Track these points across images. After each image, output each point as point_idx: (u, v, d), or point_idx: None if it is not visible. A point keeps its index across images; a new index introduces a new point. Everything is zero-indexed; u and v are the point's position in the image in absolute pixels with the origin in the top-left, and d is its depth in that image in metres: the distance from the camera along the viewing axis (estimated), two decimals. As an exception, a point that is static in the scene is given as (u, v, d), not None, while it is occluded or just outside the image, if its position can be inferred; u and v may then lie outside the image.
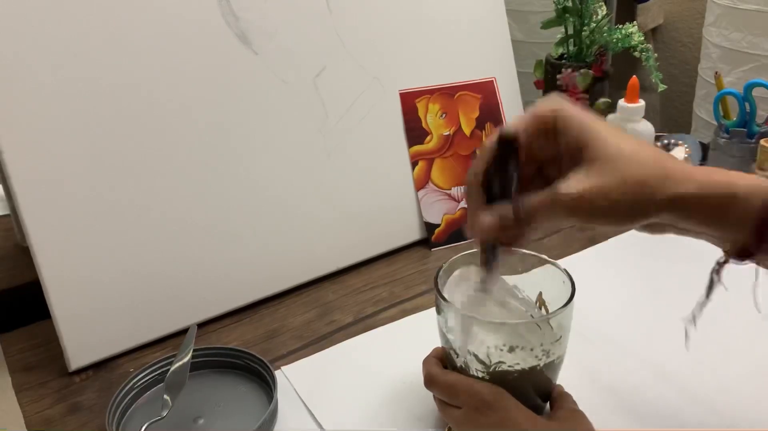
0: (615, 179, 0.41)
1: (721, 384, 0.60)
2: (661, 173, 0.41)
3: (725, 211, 0.41)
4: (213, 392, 0.61)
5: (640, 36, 0.96)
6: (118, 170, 0.66)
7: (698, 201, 0.41)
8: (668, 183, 0.41)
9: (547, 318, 0.51)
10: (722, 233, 0.43)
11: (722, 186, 0.41)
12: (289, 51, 0.75)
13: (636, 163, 0.41)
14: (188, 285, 0.70)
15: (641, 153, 0.42)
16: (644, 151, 0.42)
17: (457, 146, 0.87)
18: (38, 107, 0.63)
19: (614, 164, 0.41)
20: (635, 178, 0.41)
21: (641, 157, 0.42)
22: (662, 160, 0.42)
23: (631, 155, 0.42)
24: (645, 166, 0.41)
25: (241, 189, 0.73)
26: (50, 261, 0.63)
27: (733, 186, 0.41)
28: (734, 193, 0.41)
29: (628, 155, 0.42)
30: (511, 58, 0.93)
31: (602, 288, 0.74)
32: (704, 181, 0.41)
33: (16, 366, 0.68)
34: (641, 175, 0.41)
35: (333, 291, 0.78)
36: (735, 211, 0.41)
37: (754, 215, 0.41)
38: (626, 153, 0.42)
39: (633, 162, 0.41)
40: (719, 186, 0.41)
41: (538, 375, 0.50)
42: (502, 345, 0.49)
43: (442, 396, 0.52)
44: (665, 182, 0.41)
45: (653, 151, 0.43)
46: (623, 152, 0.42)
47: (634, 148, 0.42)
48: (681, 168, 0.42)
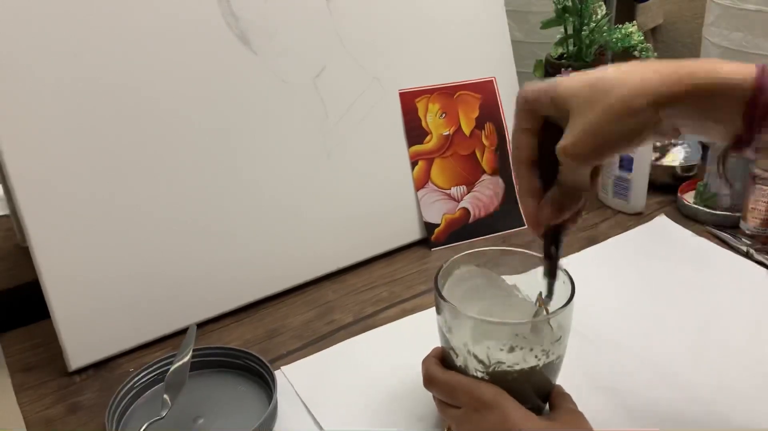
0: (587, 120, 0.43)
1: (721, 384, 0.60)
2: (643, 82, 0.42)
3: (711, 103, 0.42)
4: (213, 392, 0.61)
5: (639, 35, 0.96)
6: (118, 170, 0.66)
7: (684, 97, 0.42)
8: (655, 91, 0.42)
9: (548, 319, 0.51)
10: (716, 127, 0.43)
11: (706, 75, 0.41)
12: (289, 51, 0.75)
13: (618, 87, 0.42)
14: (188, 285, 0.70)
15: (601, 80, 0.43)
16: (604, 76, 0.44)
17: (456, 146, 0.87)
18: (38, 107, 0.63)
19: (596, 100, 0.43)
20: (621, 98, 0.42)
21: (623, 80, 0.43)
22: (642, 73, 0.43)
23: (612, 84, 0.43)
24: (627, 84, 0.42)
25: (241, 189, 0.73)
26: (50, 261, 0.63)
27: (716, 73, 0.41)
28: (719, 84, 0.41)
29: (608, 85, 0.43)
30: (510, 58, 0.93)
31: (602, 288, 0.74)
32: (688, 76, 0.42)
33: (16, 366, 0.68)
34: (624, 93, 0.42)
35: (333, 291, 0.78)
36: (722, 99, 0.41)
37: (742, 101, 0.41)
38: (606, 85, 0.43)
39: (616, 88, 0.42)
40: (703, 77, 0.41)
41: (537, 375, 0.50)
42: (502, 345, 0.49)
43: (441, 396, 0.52)
44: (652, 91, 0.42)
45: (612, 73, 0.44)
46: (602, 86, 0.43)
47: (591, 80, 0.44)
48: (665, 70, 0.42)
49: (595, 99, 0.43)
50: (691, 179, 0.93)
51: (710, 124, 0.43)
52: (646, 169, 0.89)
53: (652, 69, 0.43)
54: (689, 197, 0.91)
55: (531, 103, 0.47)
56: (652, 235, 0.85)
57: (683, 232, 0.85)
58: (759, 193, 0.80)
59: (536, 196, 0.49)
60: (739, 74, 0.41)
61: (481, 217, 0.87)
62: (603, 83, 0.43)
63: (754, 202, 0.81)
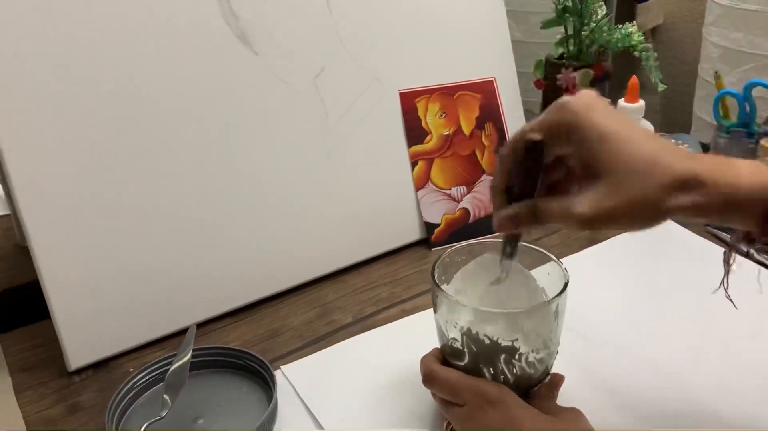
0: (623, 199, 0.42)
1: (721, 384, 0.60)
2: (668, 183, 0.41)
3: (729, 214, 0.43)
4: (213, 392, 0.61)
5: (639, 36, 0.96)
6: (118, 170, 0.66)
7: (703, 208, 0.42)
8: (675, 195, 0.42)
9: (545, 305, 0.51)
10: (729, 224, 0.45)
11: (726, 190, 0.42)
12: (289, 51, 0.75)
13: (644, 178, 0.42)
14: (188, 285, 0.70)
15: (654, 162, 0.42)
16: (658, 157, 0.42)
17: (456, 146, 0.87)
18: (38, 107, 0.63)
19: (624, 181, 0.42)
20: (643, 195, 0.42)
21: (652, 169, 0.42)
22: (671, 166, 0.42)
23: (641, 168, 0.42)
24: (652, 180, 0.42)
25: (241, 188, 0.73)
26: (50, 261, 0.63)
27: (736, 190, 0.42)
28: (737, 200, 0.42)
29: (638, 169, 0.42)
30: (511, 58, 0.93)
31: (602, 288, 0.74)
32: (710, 185, 0.42)
33: (16, 366, 0.68)
34: (649, 192, 0.42)
35: (333, 291, 0.78)
36: (739, 212, 0.43)
37: (758, 213, 0.42)
38: (637, 167, 0.42)
39: (641, 177, 0.42)
40: (723, 191, 0.42)
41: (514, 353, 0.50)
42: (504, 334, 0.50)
43: (442, 393, 0.52)
44: (672, 195, 0.42)
45: (664, 155, 0.42)
46: (634, 166, 0.42)
47: (645, 157, 0.42)
48: (689, 172, 0.42)
49: (635, 169, 0.42)
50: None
51: (722, 221, 0.45)
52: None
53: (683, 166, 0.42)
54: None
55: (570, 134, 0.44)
56: (652, 235, 0.84)
57: (683, 232, 0.85)
58: (759, 193, 0.80)
59: (502, 196, 0.49)
60: (758, 186, 0.41)
61: (481, 217, 0.87)
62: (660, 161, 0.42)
63: (754, 202, 0.81)
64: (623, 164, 0.42)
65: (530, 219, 0.47)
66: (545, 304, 0.51)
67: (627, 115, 0.47)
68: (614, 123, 0.43)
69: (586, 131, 0.43)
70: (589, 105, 0.44)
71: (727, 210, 0.42)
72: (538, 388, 0.53)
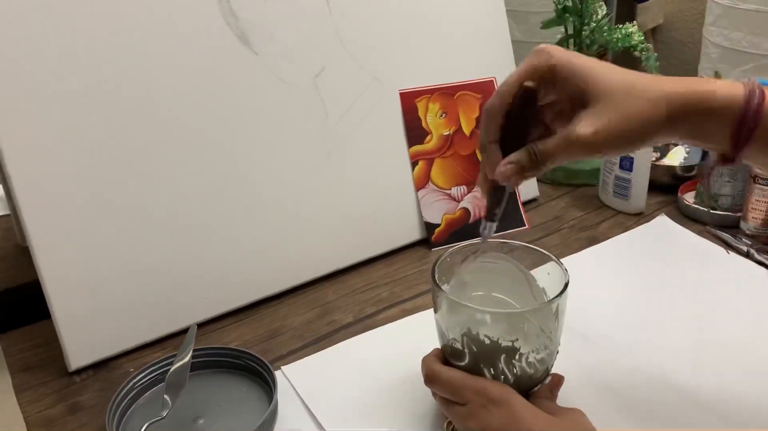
0: (619, 114, 0.46)
1: (721, 384, 0.60)
2: (655, 97, 0.46)
3: (706, 124, 0.46)
4: (213, 392, 0.61)
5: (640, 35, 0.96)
6: (118, 170, 0.66)
7: (684, 119, 0.46)
8: (662, 107, 0.45)
9: (546, 305, 0.51)
10: (707, 143, 0.47)
11: (701, 100, 0.45)
12: (289, 51, 0.75)
13: (634, 96, 0.46)
14: (188, 285, 0.70)
15: (636, 83, 0.46)
16: (639, 80, 0.47)
17: (457, 146, 0.87)
18: (38, 107, 0.63)
19: (617, 99, 0.46)
20: (636, 109, 0.46)
21: (637, 88, 0.46)
22: (656, 84, 0.46)
23: (629, 88, 0.46)
24: (642, 96, 0.46)
25: (241, 189, 0.73)
26: (50, 261, 0.63)
27: (711, 99, 0.45)
28: (712, 107, 0.45)
29: (626, 88, 0.46)
30: (511, 58, 0.93)
31: (602, 288, 0.74)
32: (688, 96, 0.45)
33: (16, 366, 0.68)
34: (641, 106, 0.46)
35: (333, 291, 0.78)
36: (714, 124, 0.46)
37: (730, 127, 0.45)
38: (625, 86, 0.46)
39: (632, 94, 0.46)
40: (699, 101, 0.45)
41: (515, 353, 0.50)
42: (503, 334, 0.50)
43: (444, 393, 0.52)
44: (660, 107, 0.45)
45: (645, 79, 0.47)
46: (622, 86, 0.46)
47: (629, 80, 0.47)
48: (669, 86, 0.46)
49: (626, 94, 0.46)
50: (691, 179, 0.93)
51: (698, 142, 0.48)
52: (647, 169, 0.89)
53: (663, 88, 0.46)
54: (689, 197, 0.91)
55: (556, 70, 0.48)
56: (653, 235, 0.85)
57: (683, 232, 0.85)
58: (759, 192, 0.80)
59: (497, 149, 0.51)
60: (729, 95, 0.45)
61: (482, 217, 0.87)
62: (635, 85, 0.46)
63: (754, 201, 0.81)
64: (611, 87, 0.46)
65: (533, 164, 0.48)
66: (546, 304, 0.51)
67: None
68: (586, 59, 0.48)
69: (570, 66, 0.48)
70: (559, 48, 0.49)
71: (702, 119, 0.45)
72: (539, 388, 0.53)
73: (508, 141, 0.50)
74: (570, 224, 0.89)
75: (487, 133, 0.51)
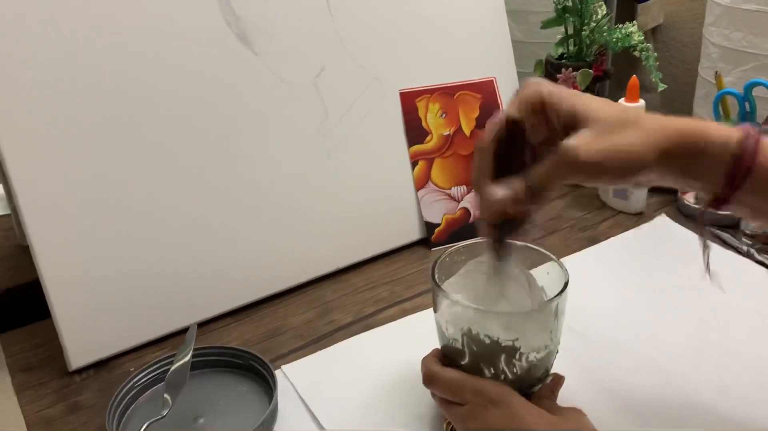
0: (613, 136, 0.45)
1: (721, 384, 0.60)
2: (650, 129, 0.45)
3: (701, 161, 0.45)
4: (213, 391, 0.61)
5: (640, 35, 0.96)
6: (118, 170, 0.66)
7: (679, 154, 0.45)
8: (656, 143, 0.45)
9: (546, 304, 0.51)
10: (699, 184, 0.47)
11: (697, 137, 0.45)
12: (289, 51, 0.75)
13: (629, 123, 0.45)
14: (188, 284, 0.70)
15: (630, 113, 0.46)
16: (633, 111, 0.47)
17: (457, 146, 0.87)
18: (39, 108, 0.63)
19: (610, 123, 0.45)
20: (631, 135, 0.45)
21: (631, 117, 0.46)
22: (651, 117, 0.46)
23: (623, 117, 0.46)
24: (636, 125, 0.46)
25: (241, 189, 0.73)
26: (50, 261, 0.63)
27: (708, 136, 0.45)
28: (707, 148, 0.45)
29: (620, 117, 0.46)
30: (511, 58, 0.93)
31: (602, 288, 0.74)
32: (684, 131, 0.45)
33: (16, 366, 0.68)
34: (635, 133, 0.45)
35: (333, 290, 0.78)
36: (709, 163, 0.45)
37: (725, 168, 0.45)
38: (618, 114, 0.46)
39: (626, 123, 0.46)
40: (695, 137, 0.45)
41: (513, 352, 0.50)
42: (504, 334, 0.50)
43: (443, 393, 0.52)
44: (655, 137, 0.45)
45: (640, 112, 0.47)
46: (615, 113, 0.46)
47: (623, 109, 0.47)
48: (665, 120, 0.46)
49: (622, 122, 0.46)
50: (691, 179, 0.93)
51: (690, 181, 0.47)
52: (647, 169, 0.89)
53: (659, 122, 0.46)
54: (690, 197, 0.91)
55: (545, 98, 0.47)
56: (653, 235, 0.85)
57: (684, 232, 0.85)
58: (759, 192, 0.80)
59: (491, 179, 0.49)
60: (725, 135, 0.44)
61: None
62: (629, 114, 0.46)
63: (754, 201, 0.81)
64: (606, 113, 0.46)
65: (529, 192, 0.47)
66: (546, 304, 0.51)
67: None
68: (576, 91, 0.48)
69: (559, 93, 0.47)
70: (547, 82, 0.48)
71: (697, 160, 0.45)
72: (540, 388, 0.53)
73: (506, 174, 0.48)
74: (570, 224, 0.89)
75: (480, 171, 0.49)
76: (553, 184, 0.47)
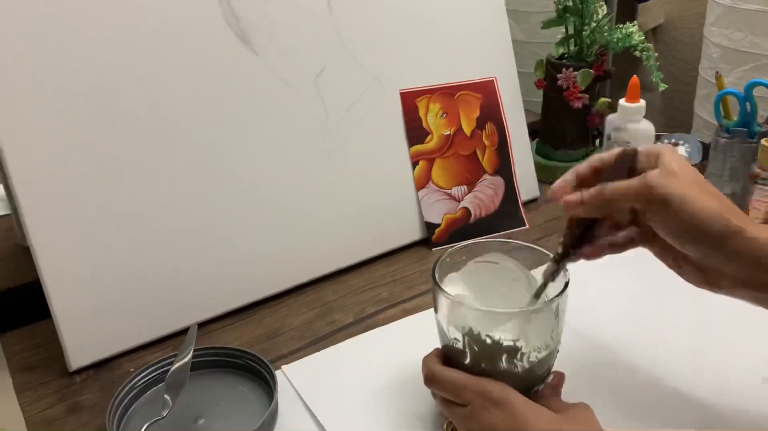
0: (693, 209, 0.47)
1: (721, 384, 0.60)
2: (727, 224, 0.48)
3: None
4: (213, 392, 0.61)
5: (640, 35, 0.96)
6: (118, 170, 0.66)
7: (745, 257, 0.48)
8: (730, 234, 0.48)
9: (547, 304, 0.51)
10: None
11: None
12: (290, 51, 0.75)
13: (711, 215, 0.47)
14: (188, 285, 0.70)
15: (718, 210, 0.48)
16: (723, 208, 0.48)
17: (457, 146, 0.87)
18: (39, 107, 0.63)
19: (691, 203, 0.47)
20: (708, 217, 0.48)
21: (716, 212, 0.48)
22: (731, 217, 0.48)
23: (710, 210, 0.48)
24: (718, 218, 0.47)
25: (241, 189, 0.73)
26: (51, 261, 0.63)
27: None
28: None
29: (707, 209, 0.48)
30: (511, 58, 0.93)
31: (602, 288, 0.74)
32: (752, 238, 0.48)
33: (16, 366, 0.68)
34: (714, 221, 0.47)
35: (333, 291, 0.78)
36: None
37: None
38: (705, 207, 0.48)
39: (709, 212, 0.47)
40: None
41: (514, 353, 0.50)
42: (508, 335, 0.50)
43: (445, 393, 0.52)
44: (730, 233, 0.48)
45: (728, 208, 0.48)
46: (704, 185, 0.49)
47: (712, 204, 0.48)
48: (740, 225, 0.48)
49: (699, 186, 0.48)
50: (691, 179, 0.93)
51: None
52: (647, 169, 0.89)
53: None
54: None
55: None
56: (653, 235, 0.85)
57: (684, 232, 0.85)
58: (759, 192, 0.80)
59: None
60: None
61: (482, 217, 0.87)
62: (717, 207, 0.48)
63: (754, 201, 0.81)
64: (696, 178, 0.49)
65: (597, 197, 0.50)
66: (547, 304, 0.51)
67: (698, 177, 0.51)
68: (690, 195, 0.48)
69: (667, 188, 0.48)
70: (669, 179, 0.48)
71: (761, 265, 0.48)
72: (543, 387, 0.53)
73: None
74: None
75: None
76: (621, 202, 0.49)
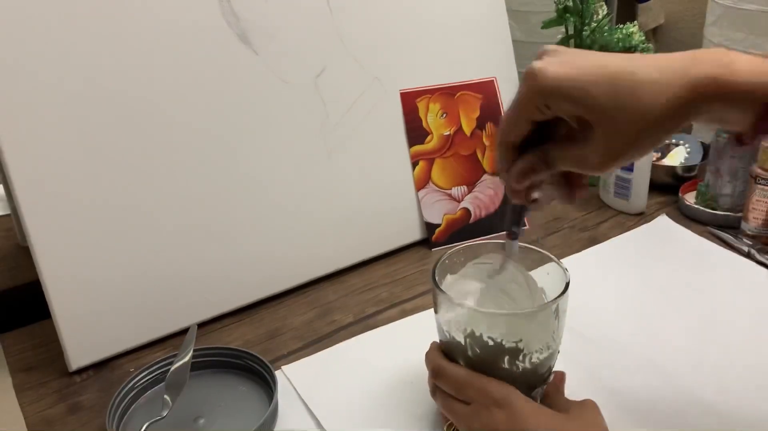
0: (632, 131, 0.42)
1: (721, 384, 0.60)
2: (659, 115, 0.41)
3: (729, 107, 0.41)
4: (213, 392, 0.61)
5: (640, 36, 0.96)
6: (118, 170, 0.66)
7: (701, 112, 0.42)
8: (675, 108, 0.41)
9: (548, 305, 0.51)
10: (724, 124, 0.44)
11: (727, 86, 0.41)
12: (290, 51, 0.75)
13: (637, 115, 0.41)
14: (188, 285, 0.70)
15: (643, 73, 0.42)
16: (639, 89, 0.42)
17: (457, 146, 0.87)
18: (39, 108, 0.63)
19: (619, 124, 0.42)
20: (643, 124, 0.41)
21: (640, 104, 0.41)
22: (657, 90, 0.41)
23: (630, 108, 0.41)
24: (644, 115, 0.41)
25: (241, 189, 0.73)
26: (51, 262, 0.63)
27: (736, 85, 0.40)
28: (735, 98, 0.41)
29: (627, 108, 0.41)
30: (511, 58, 0.93)
31: (603, 289, 0.74)
32: (710, 86, 0.41)
33: (16, 366, 0.68)
34: (648, 120, 0.41)
35: (333, 291, 0.78)
36: (738, 109, 0.41)
37: (755, 114, 0.41)
38: (625, 105, 0.41)
39: (634, 113, 0.41)
40: (723, 89, 0.41)
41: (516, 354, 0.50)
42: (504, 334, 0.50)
43: (448, 388, 0.52)
44: (672, 110, 0.41)
45: (646, 86, 0.42)
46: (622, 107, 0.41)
47: (628, 94, 0.41)
48: (676, 83, 0.41)
49: (623, 105, 0.41)
50: (692, 179, 0.93)
51: (716, 124, 0.44)
52: (647, 169, 0.89)
53: (669, 68, 0.42)
54: (690, 197, 0.91)
55: (546, 99, 0.44)
56: (653, 236, 0.85)
57: (684, 233, 0.85)
58: (760, 192, 0.80)
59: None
60: (755, 76, 0.40)
61: (482, 217, 0.87)
62: (624, 83, 0.41)
63: (755, 202, 0.81)
64: (610, 90, 0.41)
65: (545, 164, 0.46)
66: (547, 305, 0.51)
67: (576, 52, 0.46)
68: (577, 76, 0.43)
69: (559, 92, 0.43)
70: (547, 69, 0.45)
71: (726, 103, 0.41)
72: (546, 387, 0.53)
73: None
74: (570, 224, 0.89)
75: (505, 162, 0.48)
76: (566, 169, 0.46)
